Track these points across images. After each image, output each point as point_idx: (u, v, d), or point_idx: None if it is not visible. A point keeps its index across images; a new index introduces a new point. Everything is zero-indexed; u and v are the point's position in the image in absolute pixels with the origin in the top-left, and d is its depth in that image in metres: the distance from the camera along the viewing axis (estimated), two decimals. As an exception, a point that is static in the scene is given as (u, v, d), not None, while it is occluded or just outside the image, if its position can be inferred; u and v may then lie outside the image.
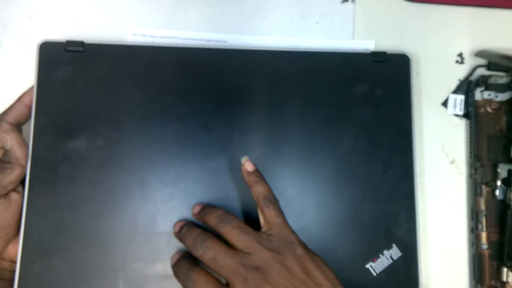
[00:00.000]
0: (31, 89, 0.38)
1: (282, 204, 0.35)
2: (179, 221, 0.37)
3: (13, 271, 0.36)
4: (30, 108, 0.38)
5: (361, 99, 0.41)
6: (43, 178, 0.37)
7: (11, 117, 0.36)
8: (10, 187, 0.36)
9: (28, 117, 0.38)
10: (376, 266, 0.38)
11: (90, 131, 0.38)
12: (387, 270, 0.37)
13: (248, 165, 0.35)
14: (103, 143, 0.38)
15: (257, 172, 0.35)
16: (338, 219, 0.38)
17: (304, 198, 0.39)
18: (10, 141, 0.36)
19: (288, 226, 0.33)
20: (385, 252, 0.38)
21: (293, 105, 0.40)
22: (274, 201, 0.34)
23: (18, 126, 0.37)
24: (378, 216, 0.38)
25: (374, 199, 0.39)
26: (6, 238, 0.36)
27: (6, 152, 0.36)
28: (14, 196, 0.36)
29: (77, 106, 0.38)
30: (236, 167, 0.38)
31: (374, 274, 0.37)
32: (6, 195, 0.35)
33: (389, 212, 0.39)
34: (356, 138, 0.40)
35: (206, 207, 0.35)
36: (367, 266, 0.38)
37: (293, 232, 0.33)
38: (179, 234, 0.35)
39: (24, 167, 0.36)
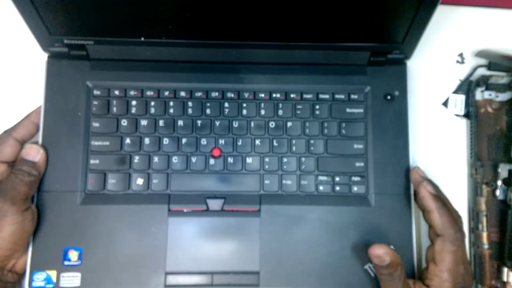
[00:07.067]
0: (39, 107, 0.39)
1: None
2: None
3: (15, 283, 0.36)
4: (37, 126, 0.39)
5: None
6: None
7: (18, 134, 0.38)
8: (30, 200, 0.37)
9: (34, 135, 0.39)
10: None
11: None
12: (385, 271, 0.38)
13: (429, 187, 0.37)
14: None
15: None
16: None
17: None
18: (40, 155, 0.37)
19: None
20: (383, 253, 0.38)
21: None
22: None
23: (22, 143, 0.38)
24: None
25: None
26: (23, 250, 0.36)
27: (34, 165, 0.36)
28: (34, 208, 0.37)
29: None
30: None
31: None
32: (29, 207, 0.36)
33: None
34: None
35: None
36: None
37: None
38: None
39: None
